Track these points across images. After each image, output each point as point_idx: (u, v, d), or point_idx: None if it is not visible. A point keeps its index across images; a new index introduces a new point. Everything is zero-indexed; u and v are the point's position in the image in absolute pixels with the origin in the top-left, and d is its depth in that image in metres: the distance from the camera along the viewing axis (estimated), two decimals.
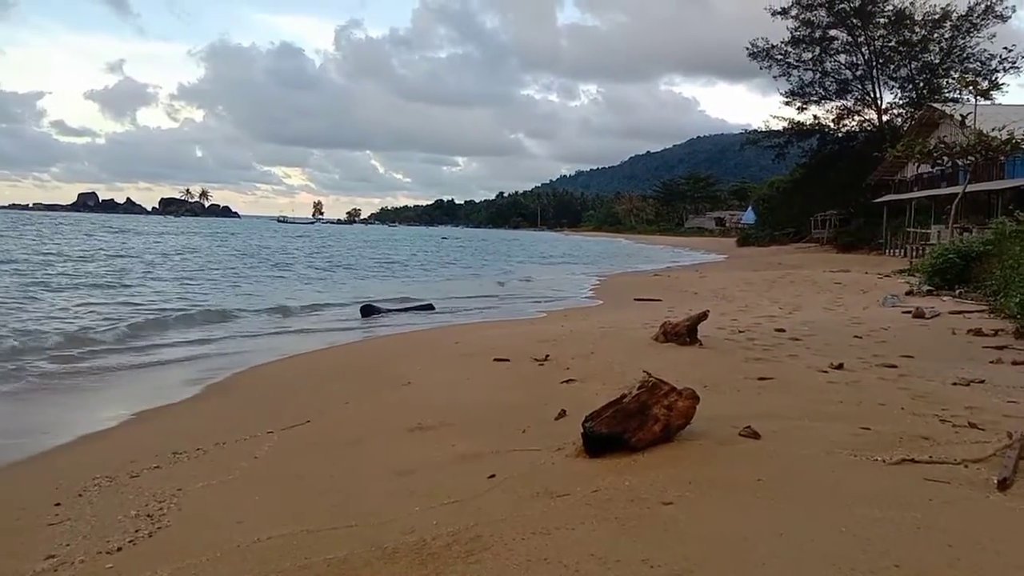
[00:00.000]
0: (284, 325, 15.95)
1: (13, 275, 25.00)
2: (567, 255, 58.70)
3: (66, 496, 5.28)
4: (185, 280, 26.31)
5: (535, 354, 9.09)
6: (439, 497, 4.59)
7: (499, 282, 29.58)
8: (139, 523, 4.64)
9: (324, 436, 6.60)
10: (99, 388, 9.60)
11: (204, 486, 5.33)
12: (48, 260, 33.32)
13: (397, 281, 28.88)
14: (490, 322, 15.88)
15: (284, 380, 9.64)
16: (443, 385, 8.16)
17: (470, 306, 20.38)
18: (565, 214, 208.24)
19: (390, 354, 10.96)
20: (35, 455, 6.63)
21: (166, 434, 7.02)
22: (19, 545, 4.47)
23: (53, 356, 11.25)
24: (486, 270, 37.61)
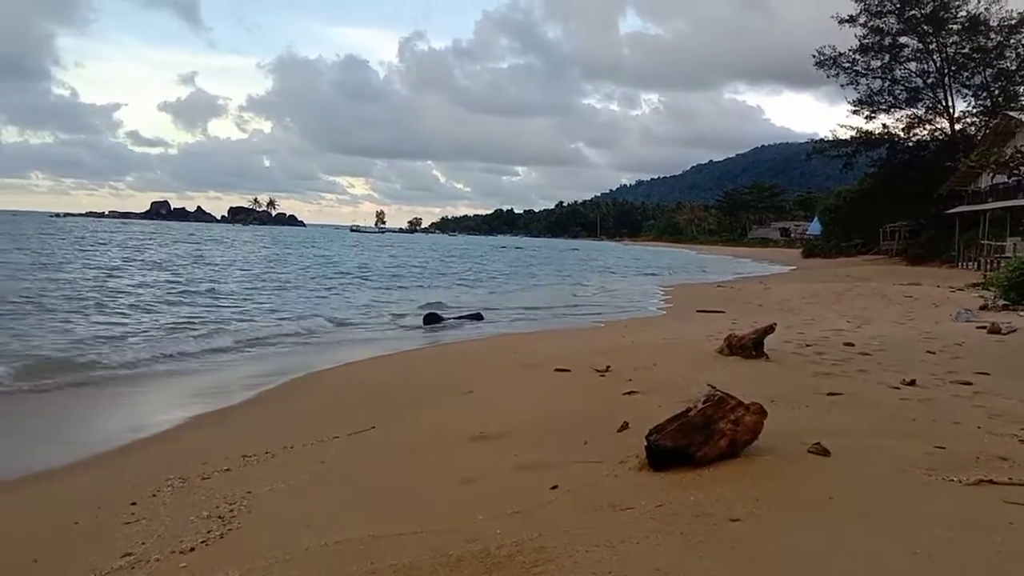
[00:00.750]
0: (350, 332, 16.22)
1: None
2: (626, 265, 58.31)
3: (141, 496, 5.47)
4: (268, 286, 26.97)
5: (596, 365, 9.05)
6: (502, 506, 4.60)
7: (555, 292, 29.54)
8: (211, 524, 4.78)
9: (389, 442, 6.69)
10: (174, 388, 9.91)
11: (273, 489, 5.45)
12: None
13: (464, 289, 29.08)
14: (551, 332, 15.88)
15: (350, 385, 9.81)
16: (505, 394, 8.19)
17: (529, 315, 20.42)
18: (625, 224, 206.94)
19: (452, 363, 11.06)
20: (112, 453, 6.88)
21: (236, 437, 7.21)
22: (98, 542, 4.64)
23: (134, 359, 11.65)
24: (544, 280, 37.60)
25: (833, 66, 54.48)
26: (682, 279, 40.34)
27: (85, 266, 33.26)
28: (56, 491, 5.80)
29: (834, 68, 54.55)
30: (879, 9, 51.70)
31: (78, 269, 31.28)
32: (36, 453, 7.00)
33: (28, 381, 9.83)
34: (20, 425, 8.20)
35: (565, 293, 29.28)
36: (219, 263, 40.56)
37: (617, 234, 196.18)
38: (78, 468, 6.49)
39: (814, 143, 61.58)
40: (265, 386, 9.99)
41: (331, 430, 7.14)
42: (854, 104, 54.77)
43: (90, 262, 36.39)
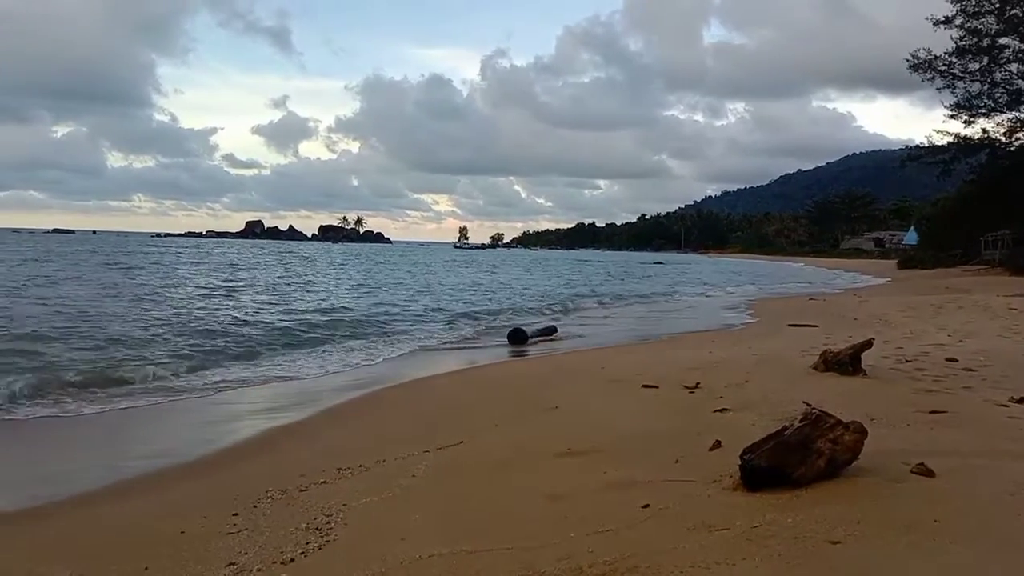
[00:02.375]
0: (436, 346, 16.46)
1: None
2: (712, 278, 57.28)
3: (242, 507, 5.67)
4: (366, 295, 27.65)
5: (685, 381, 8.93)
6: (592, 524, 4.58)
7: (638, 306, 29.25)
8: (309, 536, 4.91)
9: (477, 457, 6.74)
10: (269, 398, 10.23)
11: (367, 502, 5.56)
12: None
13: (547, 302, 29.08)
14: (636, 346, 15.74)
15: (437, 399, 9.95)
16: (591, 410, 8.16)
17: (612, 329, 20.29)
18: (710, 235, 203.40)
19: (536, 378, 11.07)
20: (214, 463, 7.16)
21: (330, 449, 7.41)
22: (203, 551, 4.83)
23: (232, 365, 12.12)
24: (627, 293, 37.27)
25: (928, 70, 52.35)
26: (770, 292, 39.37)
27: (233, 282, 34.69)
28: (163, 500, 6.07)
29: (929, 72, 52.40)
30: (977, 10, 49.51)
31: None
32: (142, 461, 7.34)
33: (151, 385, 10.38)
34: (131, 433, 8.60)
35: (649, 307, 28.99)
36: (324, 279, 41.59)
37: (702, 246, 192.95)
38: (183, 477, 6.77)
39: (909, 150, 59.31)
40: (355, 397, 10.28)
41: (420, 444, 7.25)
42: (951, 109, 52.46)
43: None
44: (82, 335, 15.05)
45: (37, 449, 8.07)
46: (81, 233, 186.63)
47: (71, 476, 6.91)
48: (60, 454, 7.82)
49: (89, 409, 9.61)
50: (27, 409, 9.36)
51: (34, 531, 5.45)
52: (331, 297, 29.52)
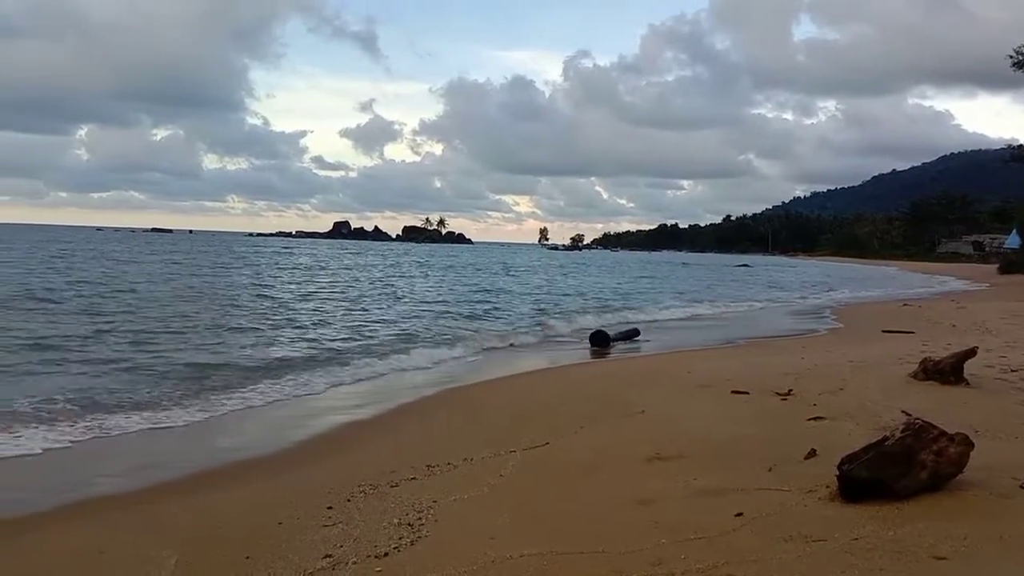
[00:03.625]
0: (520, 346, 16.55)
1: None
2: (800, 281, 55.70)
3: (336, 500, 5.82)
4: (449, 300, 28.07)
5: (776, 387, 8.73)
6: (684, 531, 4.54)
7: (724, 309, 28.70)
8: (402, 531, 5.01)
9: (563, 459, 6.75)
10: (356, 394, 10.48)
11: (456, 500, 5.64)
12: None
13: (627, 303, 28.87)
14: (723, 351, 15.46)
15: (522, 400, 9.99)
16: (679, 415, 8.07)
17: (696, 332, 19.98)
18: (799, 237, 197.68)
19: (621, 381, 11.00)
20: (308, 458, 7.38)
21: (418, 446, 7.55)
22: (300, 542, 4.99)
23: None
24: (712, 296, 36.62)
25: None
26: (863, 296, 38.06)
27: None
28: (262, 492, 6.28)
29: None
30: None
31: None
32: (237, 453, 7.62)
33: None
34: (227, 427, 8.94)
35: (735, 310, 28.41)
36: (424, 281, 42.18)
37: (790, 249, 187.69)
38: (278, 470, 7.00)
39: (1012, 149, 56.56)
40: (441, 395, 10.46)
41: (506, 444, 7.30)
42: None
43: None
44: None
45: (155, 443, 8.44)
46: (178, 232, 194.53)
47: (169, 466, 7.23)
48: (156, 447, 8.16)
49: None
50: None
51: (142, 516, 5.73)
52: (424, 295, 30.02)
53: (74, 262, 44.37)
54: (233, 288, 30.14)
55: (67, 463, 7.31)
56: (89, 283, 28.60)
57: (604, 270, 67.43)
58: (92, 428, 8.35)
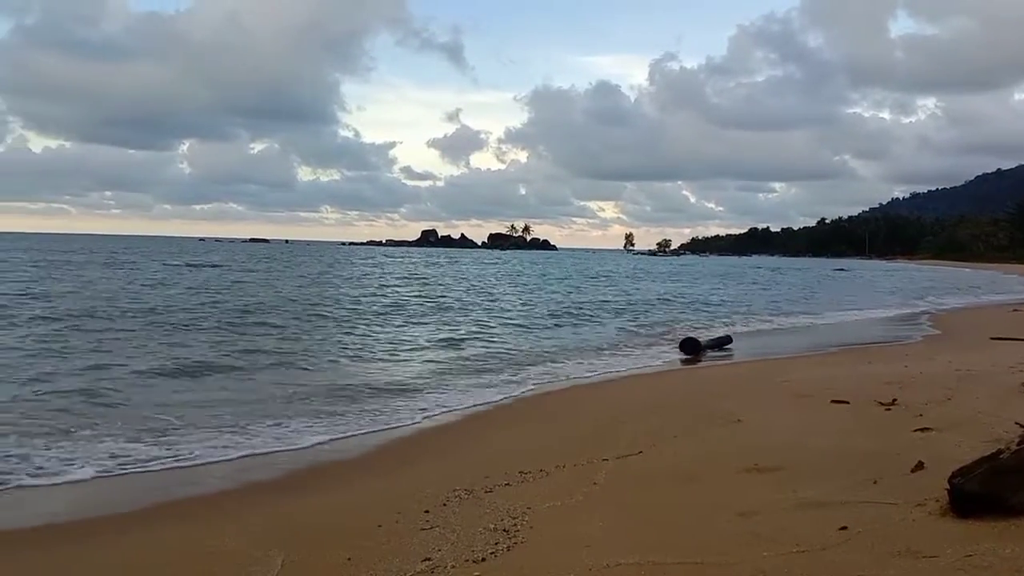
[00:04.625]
0: (610, 353, 16.48)
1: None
2: (901, 285, 53.55)
3: (433, 504, 5.91)
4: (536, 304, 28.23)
5: (879, 397, 8.44)
6: (786, 544, 4.44)
7: (819, 315, 27.84)
8: (498, 537, 5.06)
9: (657, 468, 6.69)
10: (446, 398, 10.63)
11: (551, 507, 5.66)
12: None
13: (720, 310, 28.37)
14: (820, 359, 15.00)
15: (612, 407, 9.95)
16: (777, 425, 7.88)
17: (790, 340, 19.47)
18: (897, 240, 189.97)
19: (715, 389, 10.83)
20: (405, 460, 7.53)
21: (510, 451, 7.61)
22: (399, 545, 5.09)
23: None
24: (805, 301, 35.59)
25: None
26: (968, 301, 36.32)
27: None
28: (360, 495, 6.46)
29: None
30: None
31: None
32: (330, 455, 7.85)
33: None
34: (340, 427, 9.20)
35: (831, 316, 27.52)
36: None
37: (888, 252, 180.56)
38: (377, 474, 7.17)
39: None
40: (533, 401, 10.50)
41: (598, 451, 7.29)
42: None
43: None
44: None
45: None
46: (275, 242, 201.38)
47: (267, 468, 7.51)
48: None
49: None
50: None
51: (247, 516, 5.96)
52: (516, 301, 30.24)
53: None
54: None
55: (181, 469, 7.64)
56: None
57: (693, 276, 66.31)
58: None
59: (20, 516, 6.16)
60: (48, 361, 12.69)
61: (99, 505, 6.46)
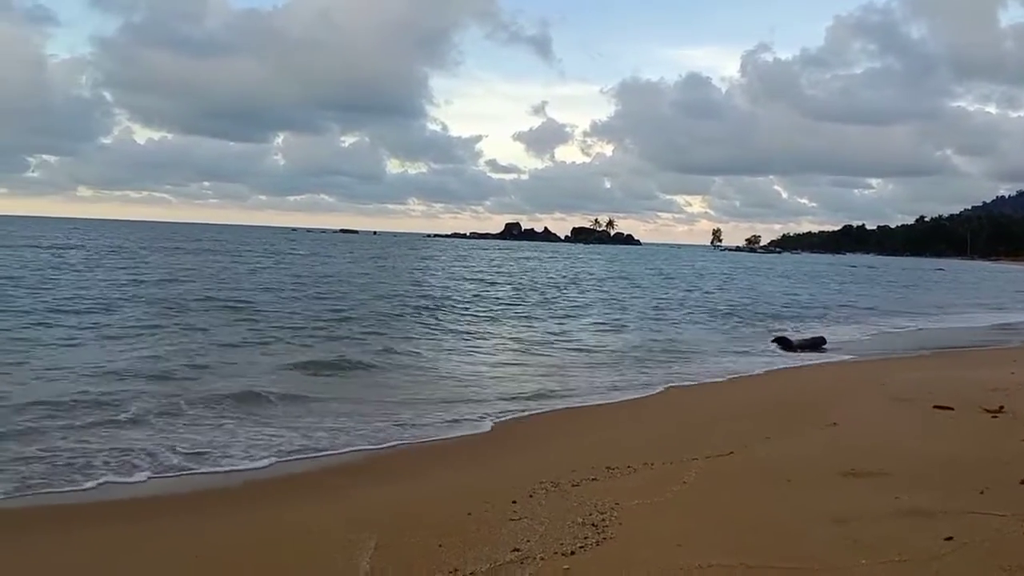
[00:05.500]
0: (699, 352, 16.25)
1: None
2: (1007, 287, 50.91)
3: (520, 495, 5.94)
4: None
5: (984, 403, 8.06)
6: (887, 552, 4.30)
7: (915, 316, 26.73)
8: (586, 531, 5.05)
9: (748, 469, 6.56)
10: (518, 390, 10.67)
11: (639, 504, 5.62)
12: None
13: (814, 312, 27.59)
14: (919, 362, 14.42)
15: (702, 406, 9.82)
16: (875, 429, 7.62)
17: (885, 342, 18.76)
18: (1002, 240, 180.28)
19: (808, 390, 10.55)
20: (492, 451, 7.60)
21: (598, 447, 7.58)
22: (489, 534, 5.13)
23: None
24: (902, 301, 34.24)
25: None
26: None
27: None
28: (450, 483, 6.56)
29: None
30: None
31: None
32: (430, 442, 7.98)
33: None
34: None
35: (929, 319, 26.40)
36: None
37: (991, 253, 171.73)
38: (465, 463, 7.27)
39: None
40: (620, 399, 10.43)
41: (687, 450, 7.19)
42: None
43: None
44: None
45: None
46: (363, 233, 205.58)
47: (366, 456, 7.69)
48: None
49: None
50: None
51: (344, 502, 6.12)
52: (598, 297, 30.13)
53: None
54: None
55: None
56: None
57: (786, 274, 64.66)
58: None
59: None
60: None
61: (218, 486, 6.76)
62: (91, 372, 10.79)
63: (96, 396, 9.31)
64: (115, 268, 34.44)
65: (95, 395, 9.36)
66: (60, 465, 6.91)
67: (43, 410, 8.60)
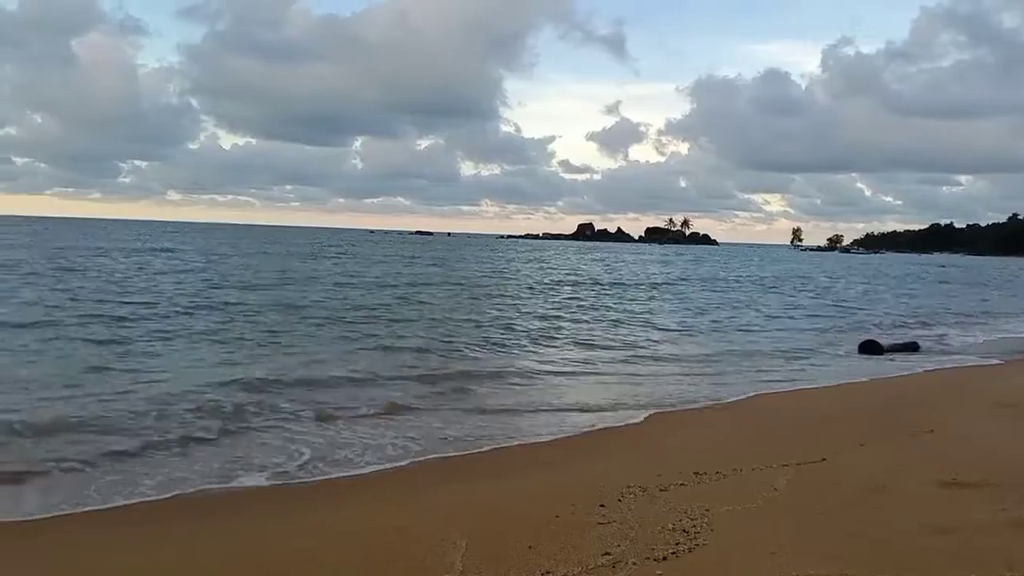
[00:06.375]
0: (791, 353, 15.95)
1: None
2: None
3: (608, 499, 5.92)
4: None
5: None
6: (994, 567, 4.14)
7: (1009, 318, 25.51)
8: (677, 537, 5.00)
9: (842, 477, 6.39)
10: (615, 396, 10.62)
11: (730, 510, 5.53)
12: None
13: (901, 315, 26.67)
14: (1019, 365, 13.77)
15: (793, 412, 9.59)
16: (977, 437, 7.33)
17: (981, 346, 17.97)
18: None
19: (902, 396, 10.21)
20: (578, 454, 7.60)
21: (685, 451, 7.51)
22: (578, 538, 5.13)
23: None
24: (1001, 305, 32.74)
25: None
26: None
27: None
28: (538, 484, 6.58)
29: None
30: None
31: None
32: (517, 441, 8.04)
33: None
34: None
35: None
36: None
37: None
38: (552, 463, 7.29)
39: None
40: (707, 405, 10.29)
41: (777, 456, 7.05)
42: None
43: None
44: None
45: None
46: (438, 235, 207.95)
47: (455, 453, 7.79)
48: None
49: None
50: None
51: (432, 500, 6.22)
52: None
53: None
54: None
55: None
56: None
57: (873, 275, 62.59)
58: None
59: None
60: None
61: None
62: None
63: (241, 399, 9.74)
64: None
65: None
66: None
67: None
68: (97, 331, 14.89)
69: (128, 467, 7.12)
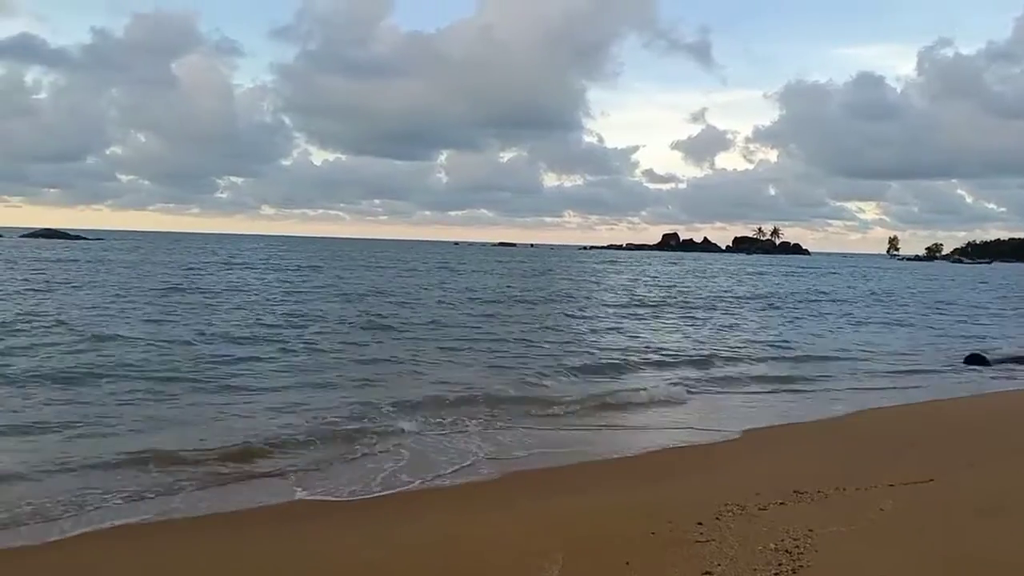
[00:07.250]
0: (894, 368, 15.38)
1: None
2: None
3: (705, 517, 5.82)
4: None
5: None
6: None
7: None
8: (780, 557, 4.88)
9: (952, 498, 6.14)
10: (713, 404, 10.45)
11: (835, 532, 5.37)
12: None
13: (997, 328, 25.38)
14: None
15: (896, 429, 9.25)
16: None
17: None
18: None
19: (1013, 413, 9.70)
20: (671, 469, 7.51)
21: (783, 469, 7.32)
22: (676, 555, 5.07)
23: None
24: None
25: None
26: None
27: None
28: (634, 499, 6.53)
29: None
30: None
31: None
32: (615, 455, 8.00)
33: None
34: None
35: None
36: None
37: None
38: (648, 479, 7.22)
39: None
40: (808, 421, 10.02)
41: (882, 476, 6.82)
42: None
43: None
44: None
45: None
46: (521, 246, 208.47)
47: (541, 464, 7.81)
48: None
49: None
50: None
51: (529, 512, 6.25)
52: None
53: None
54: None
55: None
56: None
57: (978, 285, 59.57)
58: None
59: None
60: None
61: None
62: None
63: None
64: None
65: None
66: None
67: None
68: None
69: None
